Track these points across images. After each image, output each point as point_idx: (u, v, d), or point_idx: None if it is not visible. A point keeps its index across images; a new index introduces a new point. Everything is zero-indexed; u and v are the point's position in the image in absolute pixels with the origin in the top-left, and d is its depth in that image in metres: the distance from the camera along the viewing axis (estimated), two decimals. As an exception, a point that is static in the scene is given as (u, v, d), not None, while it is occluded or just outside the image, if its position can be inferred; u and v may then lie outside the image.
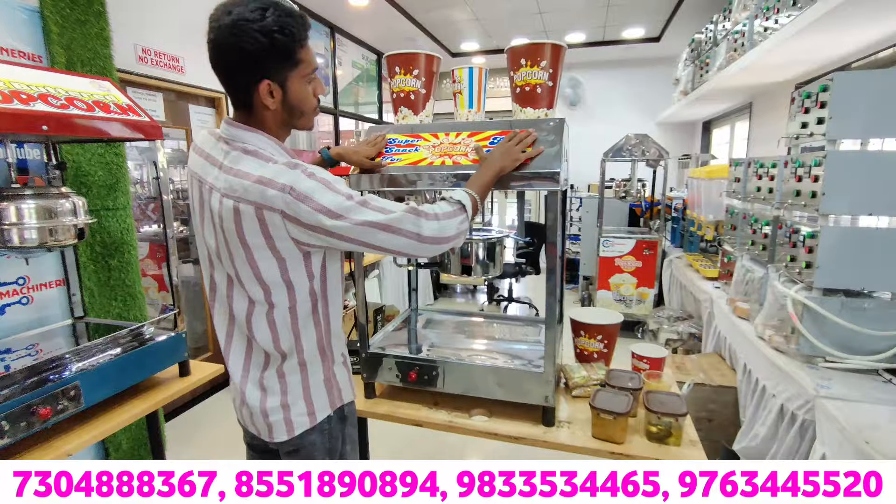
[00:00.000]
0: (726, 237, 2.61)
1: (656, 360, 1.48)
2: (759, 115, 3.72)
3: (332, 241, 0.89)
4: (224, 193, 0.89)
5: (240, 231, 0.89)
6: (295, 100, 0.94)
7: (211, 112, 3.03)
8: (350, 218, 0.87)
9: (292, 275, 0.93)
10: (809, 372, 1.58)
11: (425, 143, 1.34)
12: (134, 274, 2.00)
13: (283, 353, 0.98)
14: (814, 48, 2.25)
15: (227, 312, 1.01)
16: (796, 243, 1.74)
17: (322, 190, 0.86)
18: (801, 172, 1.71)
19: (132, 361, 1.44)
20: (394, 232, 0.91)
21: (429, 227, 0.94)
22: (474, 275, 1.40)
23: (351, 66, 4.87)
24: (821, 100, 1.60)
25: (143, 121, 1.46)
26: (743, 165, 2.37)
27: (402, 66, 1.38)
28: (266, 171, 0.87)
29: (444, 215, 0.98)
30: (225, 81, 0.92)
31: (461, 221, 1.00)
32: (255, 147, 0.92)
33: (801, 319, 1.64)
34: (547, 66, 1.29)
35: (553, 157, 1.19)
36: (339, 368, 1.07)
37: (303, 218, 0.86)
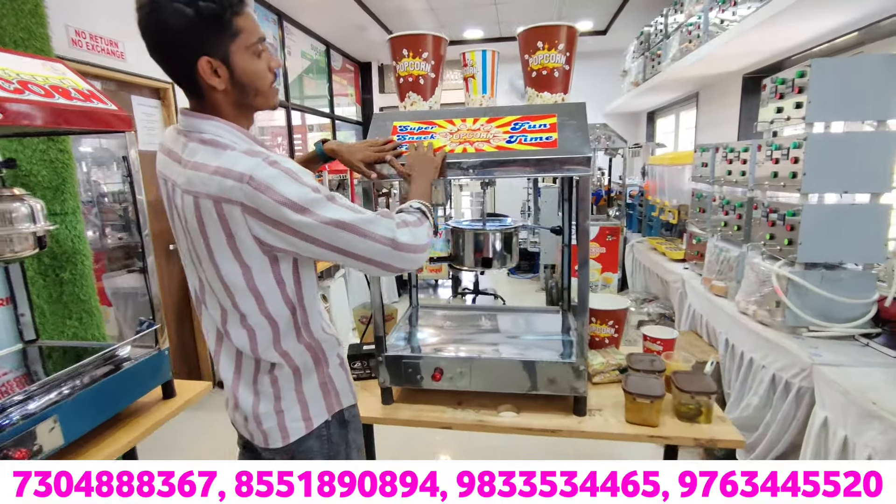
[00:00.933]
0: (693, 220, 2.74)
1: (669, 342, 1.51)
2: (706, 104, 3.95)
3: (296, 242, 0.80)
4: (184, 189, 0.81)
5: (202, 229, 0.81)
6: (244, 76, 0.83)
7: (156, 104, 2.74)
8: (316, 213, 0.78)
9: (259, 282, 0.84)
10: (798, 342, 1.68)
11: (441, 129, 1.27)
12: (89, 288, 1.76)
13: (271, 361, 0.91)
14: (772, 38, 2.40)
15: (210, 318, 0.93)
16: (775, 222, 1.85)
17: (286, 180, 0.77)
18: (779, 155, 1.82)
19: (113, 388, 1.26)
20: (365, 236, 0.82)
21: (403, 234, 0.86)
22: (494, 267, 1.35)
23: (300, 56, 4.63)
24: (798, 85, 1.70)
25: (109, 110, 1.27)
26: (711, 151, 2.49)
27: (410, 49, 1.30)
28: (224, 161, 0.78)
29: (412, 223, 0.90)
30: (166, 68, 0.82)
31: (428, 228, 0.95)
32: (213, 136, 0.83)
33: (786, 293, 1.74)
34: (564, 49, 1.26)
35: (582, 141, 1.16)
36: (335, 371, 0.99)
37: (264, 210, 0.76)
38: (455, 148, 1.21)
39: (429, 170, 1.12)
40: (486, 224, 1.39)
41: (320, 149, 1.19)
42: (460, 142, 1.22)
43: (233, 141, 0.82)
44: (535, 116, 1.24)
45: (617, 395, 1.39)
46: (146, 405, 1.40)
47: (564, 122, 1.21)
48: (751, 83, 3.18)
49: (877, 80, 1.59)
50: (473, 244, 1.34)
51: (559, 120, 1.22)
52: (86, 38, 2.26)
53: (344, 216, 0.81)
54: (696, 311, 2.56)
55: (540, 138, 1.19)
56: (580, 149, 1.15)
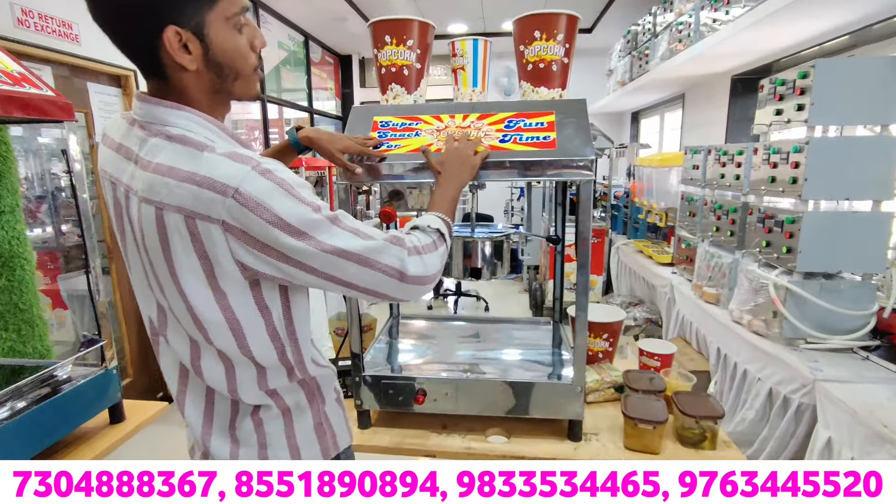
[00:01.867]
0: (683, 224, 2.68)
1: (667, 357, 1.42)
2: (692, 106, 3.91)
3: (289, 269, 0.66)
4: (143, 197, 0.64)
5: (165, 248, 0.64)
6: (222, 53, 0.66)
7: (116, 92, 2.54)
8: (316, 239, 0.65)
9: (238, 312, 0.68)
10: (797, 354, 1.61)
11: (427, 126, 1.14)
12: (30, 295, 1.57)
13: (255, 403, 0.75)
14: (765, 39, 2.34)
15: (171, 353, 0.76)
16: (772, 229, 1.78)
17: (281, 195, 0.62)
18: (777, 159, 1.74)
19: (49, 414, 1.10)
20: (371, 266, 0.69)
21: (413, 265, 0.73)
22: (483, 277, 1.23)
23: (277, 47, 4.42)
24: (799, 86, 1.62)
25: (44, 96, 1.11)
26: (702, 153, 2.42)
27: (393, 36, 1.16)
28: (201, 165, 0.62)
29: (424, 248, 0.77)
30: (118, 39, 0.64)
31: (442, 254, 0.81)
32: (182, 130, 0.66)
33: (783, 303, 1.67)
34: (563, 39, 1.15)
35: (584, 142, 1.05)
36: (332, 409, 0.85)
37: (252, 232, 0.62)
38: (442, 147, 1.08)
39: (464, 171, 0.96)
40: (474, 230, 1.27)
41: (294, 137, 1.03)
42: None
43: (209, 138, 0.66)
44: (532, 114, 1.12)
45: (613, 416, 1.29)
46: (90, 432, 1.24)
47: (563, 120, 1.10)
48: (740, 84, 3.14)
49: (881, 82, 1.52)
50: (461, 252, 1.22)
51: (558, 118, 1.10)
52: (33, 18, 2.05)
53: (350, 244, 0.67)
54: (685, 318, 2.50)
55: (537, 138, 1.07)
56: (582, 150, 1.03)
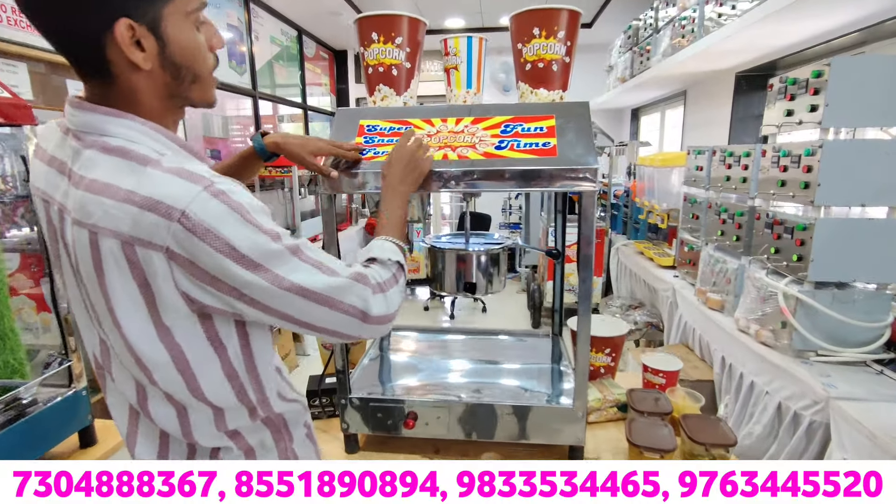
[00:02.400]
0: (686, 226, 2.60)
1: (672, 374, 1.34)
2: (694, 103, 3.82)
3: (239, 305, 0.59)
4: (76, 219, 0.56)
5: (100, 277, 0.56)
6: (180, 52, 0.59)
7: (98, 90, 2.43)
8: (274, 273, 0.58)
9: (187, 349, 0.60)
10: (807, 368, 1.54)
11: (418, 131, 1.05)
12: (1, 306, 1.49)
13: (213, 445, 0.68)
14: (775, 34, 2.25)
15: (118, 391, 0.67)
16: (781, 235, 1.70)
17: (235, 221, 0.55)
18: (787, 162, 1.66)
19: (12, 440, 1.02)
20: (333, 307, 0.63)
21: (376, 304, 0.67)
22: (479, 292, 1.15)
23: (269, 41, 4.31)
24: (813, 86, 1.54)
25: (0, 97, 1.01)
26: (706, 153, 2.33)
27: (380, 32, 1.07)
28: (142, 183, 0.54)
29: (386, 284, 0.71)
30: (55, 33, 0.55)
31: (402, 288, 0.75)
32: (122, 141, 0.57)
33: (794, 314, 1.59)
34: (564, 37, 1.06)
35: (587, 149, 0.97)
36: (301, 446, 0.78)
37: (200, 262, 0.55)
38: (434, 154, 1.00)
39: (407, 180, 0.88)
40: (469, 241, 1.19)
41: (260, 144, 0.93)
42: (440, 146, 1.01)
43: (155, 150, 0.57)
44: (530, 118, 1.04)
45: (616, 437, 1.21)
46: (58, 457, 1.16)
47: (565, 125, 1.01)
48: (744, 82, 3.05)
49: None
50: (455, 266, 1.14)
51: (558, 122, 1.02)
52: (6, 12, 1.95)
53: (312, 281, 0.60)
54: (688, 324, 2.42)
55: (536, 144, 0.99)
56: (584, 158, 0.95)
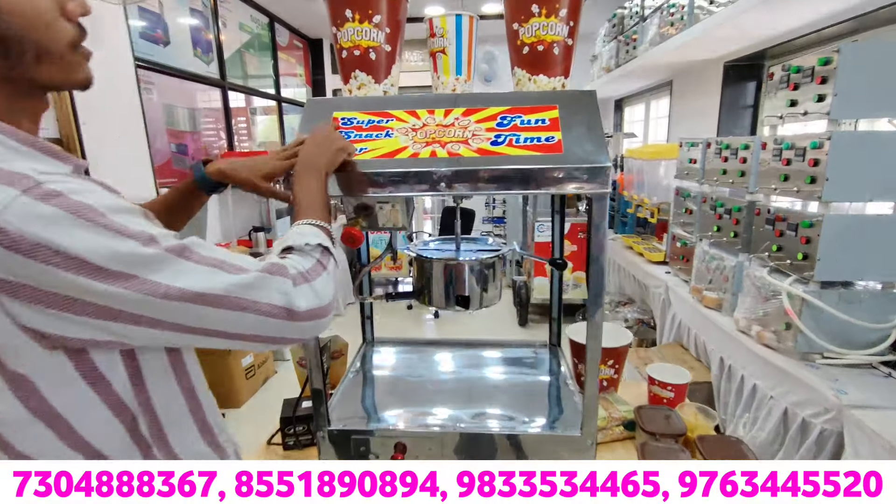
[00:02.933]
0: (678, 221, 2.52)
1: (681, 387, 1.25)
2: (681, 93, 3.74)
3: (115, 328, 0.47)
4: None
5: None
6: (10, 20, 0.46)
7: (45, 80, 2.21)
8: (151, 281, 0.47)
9: (54, 396, 0.49)
10: (814, 372, 1.46)
11: (401, 124, 0.92)
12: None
13: None
14: (769, 22, 2.17)
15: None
16: (784, 232, 1.62)
17: (76, 226, 0.44)
18: (791, 155, 1.58)
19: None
20: (245, 308, 0.52)
21: (301, 297, 0.56)
22: (472, 306, 1.03)
23: (238, 29, 4.07)
24: (820, 74, 1.45)
25: None
26: (701, 145, 2.25)
27: (355, 10, 0.92)
28: None
29: (311, 273, 0.59)
30: None
31: (333, 274, 0.63)
32: None
33: (799, 315, 1.51)
34: (566, 16, 0.93)
35: (597, 145, 0.84)
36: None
37: (42, 285, 0.43)
38: (419, 151, 0.86)
39: (327, 152, 0.77)
40: (460, 249, 1.06)
41: (201, 173, 0.79)
42: (427, 142, 0.88)
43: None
44: (530, 108, 0.91)
45: (624, 459, 1.11)
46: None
47: (570, 116, 0.89)
48: (733, 72, 2.98)
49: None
50: (444, 278, 1.01)
51: (562, 114, 0.89)
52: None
53: (209, 284, 0.48)
54: (682, 322, 2.35)
55: (538, 139, 0.86)
56: (595, 156, 0.83)
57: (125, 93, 2.71)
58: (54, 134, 2.26)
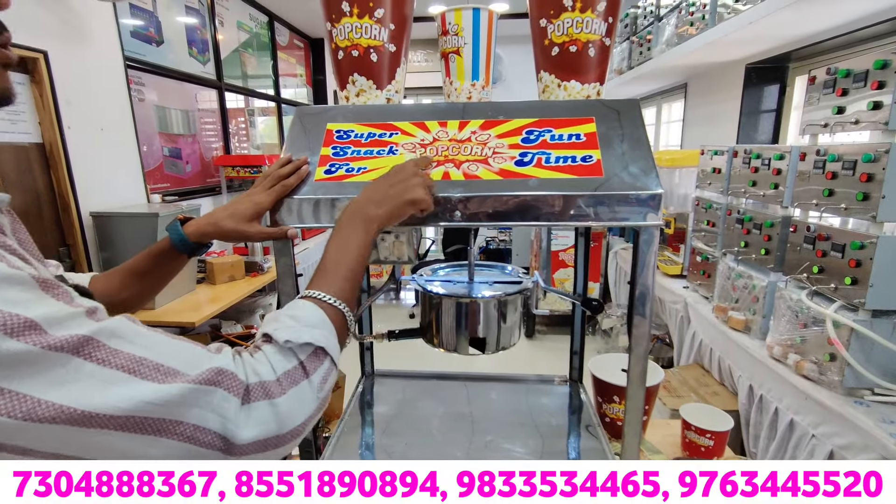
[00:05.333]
0: (699, 233, 2.36)
1: (722, 435, 1.10)
2: (696, 97, 3.59)
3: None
4: None
5: None
6: None
7: (23, 79, 2.07)
8: (7, 390, 0.33)
9: None
10: (864, 411, 1.31)
11: (407, 139, 0.77)
12: None
13: None
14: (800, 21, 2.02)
15: None
16: (827, 252, 1.47)
17: None
18: (837, 168, 1.42)
19: None
20: (158, 432, 0.40)
21: (252, 419, 0.44)
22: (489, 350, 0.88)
23: (236, 28, 3.93)
24: (875, 79, 1.29)
25: None
26: (727, 154, 2.09)
27: (354, 2, 0.78)
28: None
29: (282, 381, 0.45)
30: None
31: (319, 381, 0.48)
32: None
33: (847, 346, 1.36)
34: (605, 11, 0.78)
35: (644, 167, 0.70)
36: None
37: None
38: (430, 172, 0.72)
39: (385, 202, 0.60)
40: (474, 284, 0.91)
41: (178, 235, 0.66)
42: (438, 161, 0.73)
43: None
44: (562, 121, 0.76)
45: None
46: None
47: (610, 132, 0.74)
48: (754, 74, 2.82)
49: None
50: (456, 318, 0.86)
51: (600, 128, 0.74)
52: None
53: (100, 398, 0.35)
54: (703, 343, 2.20)
55: (573, 159, 0.71)
56: (643, 180, 0.68)
57: (114, 94, 2.56)
58: (36, 139, 2.12)
